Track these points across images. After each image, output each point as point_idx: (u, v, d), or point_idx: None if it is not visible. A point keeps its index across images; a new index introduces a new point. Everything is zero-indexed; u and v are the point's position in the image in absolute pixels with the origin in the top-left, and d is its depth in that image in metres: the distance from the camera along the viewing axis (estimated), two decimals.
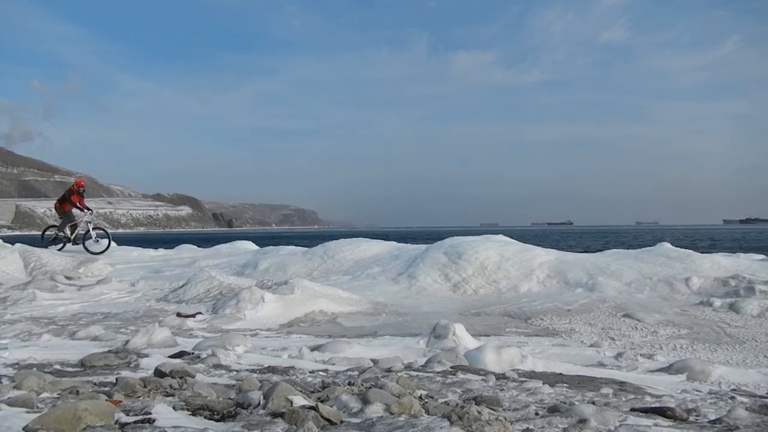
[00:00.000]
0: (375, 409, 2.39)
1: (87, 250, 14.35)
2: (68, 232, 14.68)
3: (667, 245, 11.01)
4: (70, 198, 14.69)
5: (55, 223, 15.47)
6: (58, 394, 2.75)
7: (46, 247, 14.46)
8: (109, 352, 4.55)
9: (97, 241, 14.75)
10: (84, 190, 15.24)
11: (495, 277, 9.79)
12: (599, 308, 7.92)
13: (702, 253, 10.76)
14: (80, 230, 14.81)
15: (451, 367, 4.29)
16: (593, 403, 2.68)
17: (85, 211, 14.74)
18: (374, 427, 2.05)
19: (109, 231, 15.43)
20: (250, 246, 19.60)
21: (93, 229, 14.74)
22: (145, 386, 2.86)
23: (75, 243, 14.64)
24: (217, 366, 4.16)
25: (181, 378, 3.23)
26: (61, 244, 14.88)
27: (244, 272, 12.18)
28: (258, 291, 8.43)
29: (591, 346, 6.15)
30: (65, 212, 14.74)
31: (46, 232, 15.45)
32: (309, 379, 3.63)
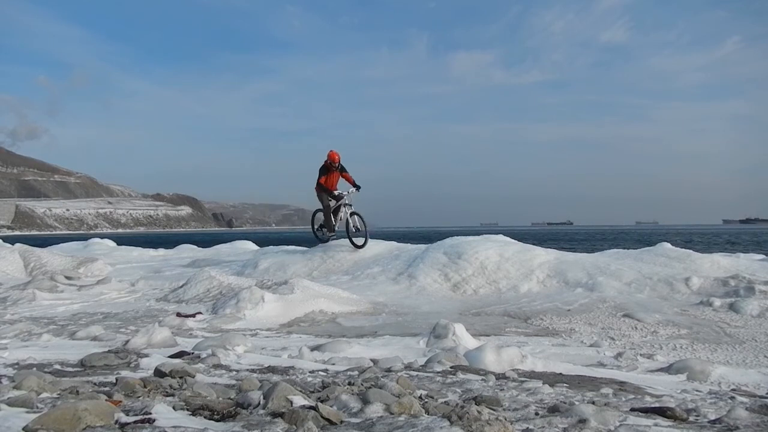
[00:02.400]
0: (375, 409, 2.39)
1: (352, 243, 11.94)
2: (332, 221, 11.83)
3: (667, 245, 11.01)
4: (321, 177, 11.47)
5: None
6: (58, 394, 2.75)
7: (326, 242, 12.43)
8: (109, 352, 4.55)
9: (357, 230, 11.77)
10: (337, 167, 11.55)
11: (495, 277, 9.79)
12: (599, 308, 7.93)
13: (702, 253, 10.76)
14: (342, 215, 11.76)
15: (451, 367, 4.29)
16: (593, 403, 2.68)
17: (348, 192, 11.52)
18: (374, 427, 2.05)
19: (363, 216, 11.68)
20: (250, 246, 19.61)
21: (351, 215, 11.65)
22: (145, 386, 2.86)
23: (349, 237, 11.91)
24: (217, 366, 4.16)
25: (181, 378, 3.23)
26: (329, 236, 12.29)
27: (244, 272, 12.17)
28: (258, 291, 8.43)
29: (591, 346, 6.15)
30: (319, 195, 11.70)
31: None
32: (309, 379, 3.63)
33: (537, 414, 2.53)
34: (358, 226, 11.61)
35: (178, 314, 7.90)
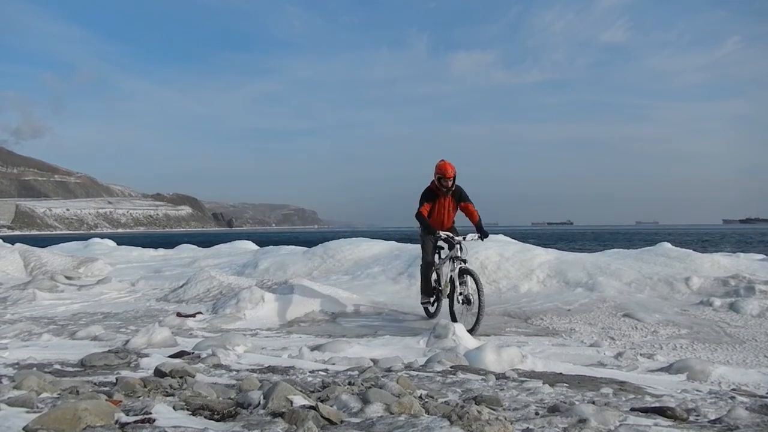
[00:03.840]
0: (375, 409, 2.39)
1: (453, 317, 6.81)
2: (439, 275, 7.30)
3: (667, 245, 11.01)
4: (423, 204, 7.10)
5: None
6: (58, 394, 2.74)
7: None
8: (109, 351, 4.55)
9: (467, 300, 6.82)
10: (449, 183, 7.03)
11: (495, 277, 9.79)
12: (599, 308, 7.92)
13: (702, 252, 10.76)
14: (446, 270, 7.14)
15: (451, 367, 4.29)
16: (593, 402, 2.68)
17: (463, 239, 7.06)
18: (374, 427, 2.05)
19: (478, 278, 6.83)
20: (250, 246, 19.62)
21: (462, 273, 6.93)
22: (145, 386, 2.86)
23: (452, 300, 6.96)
24: (217, 366, 4.16)
25: (181, 378, 3.23)
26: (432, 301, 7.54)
27: (244, 272, 12.17)
28: (258, 291, 8.43)
29: (591, 345, 6.15)
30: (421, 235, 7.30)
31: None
32: (309, 379, 3.63)
33: (537, 414, 2.53)
34: (470, 295, 6.76)
35: (178, 314, 7.90)
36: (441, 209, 7.15)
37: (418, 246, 7.56)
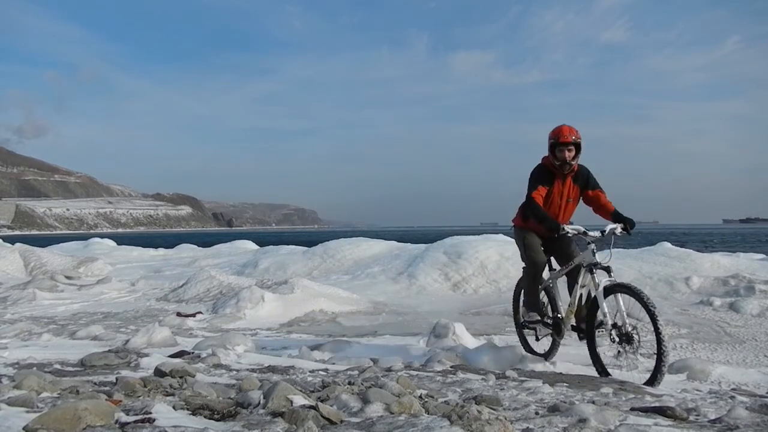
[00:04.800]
0: (375, 409, 2.39)
1: (599, 369, 4.45)
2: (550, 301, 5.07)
3: (667, 245, 11.01)
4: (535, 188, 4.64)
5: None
6: (58, 393, 2.74)
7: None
8: (109, 351, 4.55)
9: (626, 338, 4.26)
10: (566, 153, 4.49)
11: (495, 277, 9.78)
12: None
13: (702, 252, 10.76)
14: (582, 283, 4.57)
15: (451, 367, 4.29)
16: (593, 402, 2.68)
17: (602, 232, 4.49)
18: (374, 427, 2.04)
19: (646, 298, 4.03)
20: (250, 246, 19.62)
21: (610, 290, 4.28)
22: (145, 386, 2.86)
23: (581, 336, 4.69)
24: (217, 365, 4.16)
25: (181, 377, 3.23)
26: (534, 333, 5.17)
27: (244, 272, 12.17)
28: (258, 290, 8.43)
29: None
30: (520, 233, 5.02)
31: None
32: (309, 379, 3.63)
33: (537, 413, 2.53)
34: (629, 329, 4.29)
35: (178, 314, 7.90)
36: (556, 198, 4.68)
37: (418, 246, 6.87)
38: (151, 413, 2.16)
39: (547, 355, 5.06)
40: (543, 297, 5.04)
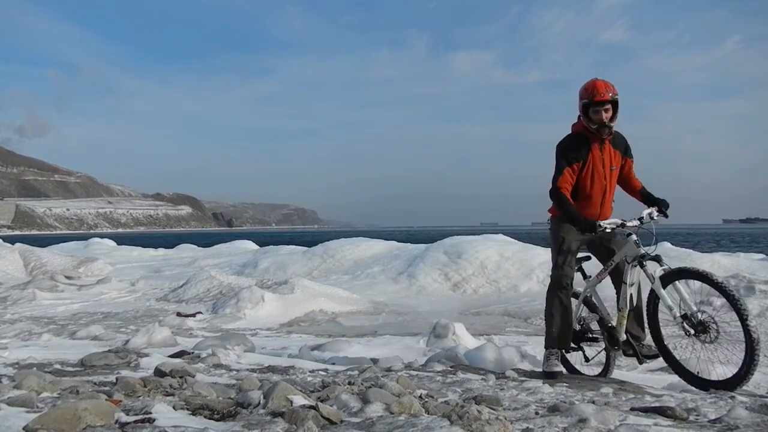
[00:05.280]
0: (375, 409, 2.39)
1: (676, 365, 4.06)
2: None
3: (667, 245, 11.02)
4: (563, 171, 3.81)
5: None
6: (58, 393, 2.74)
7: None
8: (109, 351, 4.55)
9: (697, 326, 3.85)
10: (602, 113, 3.71)
11: (495, 277, 9.79)
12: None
13: (702, 252, 10.76)
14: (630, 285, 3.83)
15: (451, 367, 4.29)
16: (593, 402, 2.68)
17: (641, 219, 3.90)
18: (374, 427, 2.04)
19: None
20: (250, 246, 19.62)
21: (670, 278, 3.79)
22: (145, 386, 2.86)
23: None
24: (217, 365, 4.16)
25: (181, 377, 3.23)
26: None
27: (244, 272, 12.17)
28: (258, 290, 8.43)
29: None
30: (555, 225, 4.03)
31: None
32: (309, 379, 3.63)
33: (537, 413, 2.53)
34: (702, 315, 3.96)
35: (178, 314, 7.90)
36: (599, 167, 3.84)
37: (418, 246, 6.69)
38: (151, 413, 2.16)
39: (604, 375, 4.24)
40: (582, 311, 4.24)
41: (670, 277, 3.84)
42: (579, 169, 3.82)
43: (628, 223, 3.93)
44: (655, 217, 3.98)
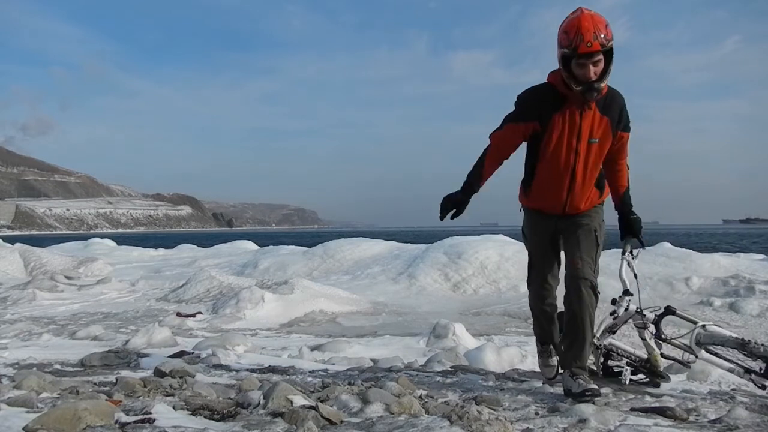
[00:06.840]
0: (375, 409, 2.39)
1: None
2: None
3: (667, 245, 11.01)
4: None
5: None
6: (58, 394, 2.74)
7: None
8: (109, 351, 4.55)
9: None
10: (590, 66, 2.52)
11: (495, 277, 9.79)
12: (599, 308, 7.90)
13: (702, 252, 10.77)
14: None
15: (451, 367, 4.29)
16: (593, 402, 2.68)
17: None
18: (374, 427, 2.05)
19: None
20: (250, 246, 19.63)
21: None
22: (145, 386, 2.86)
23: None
24: (217, 366, 4.16)
25: (181, 378, 3.23)
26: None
27: (244, 272, 12.17)
28: (258, 291, 8.43)
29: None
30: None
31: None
32: (309, 379, 3.63)
33: (537, 413, 2.53)
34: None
35: (178, 314, 7.90)
36: (564, 138, 2.74)
37: (418, 246, 6.78)
38: (151, 413, 2.17)
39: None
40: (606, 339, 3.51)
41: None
42: (537, 134, 2.77)
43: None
44: (635, 256, 3.27)
